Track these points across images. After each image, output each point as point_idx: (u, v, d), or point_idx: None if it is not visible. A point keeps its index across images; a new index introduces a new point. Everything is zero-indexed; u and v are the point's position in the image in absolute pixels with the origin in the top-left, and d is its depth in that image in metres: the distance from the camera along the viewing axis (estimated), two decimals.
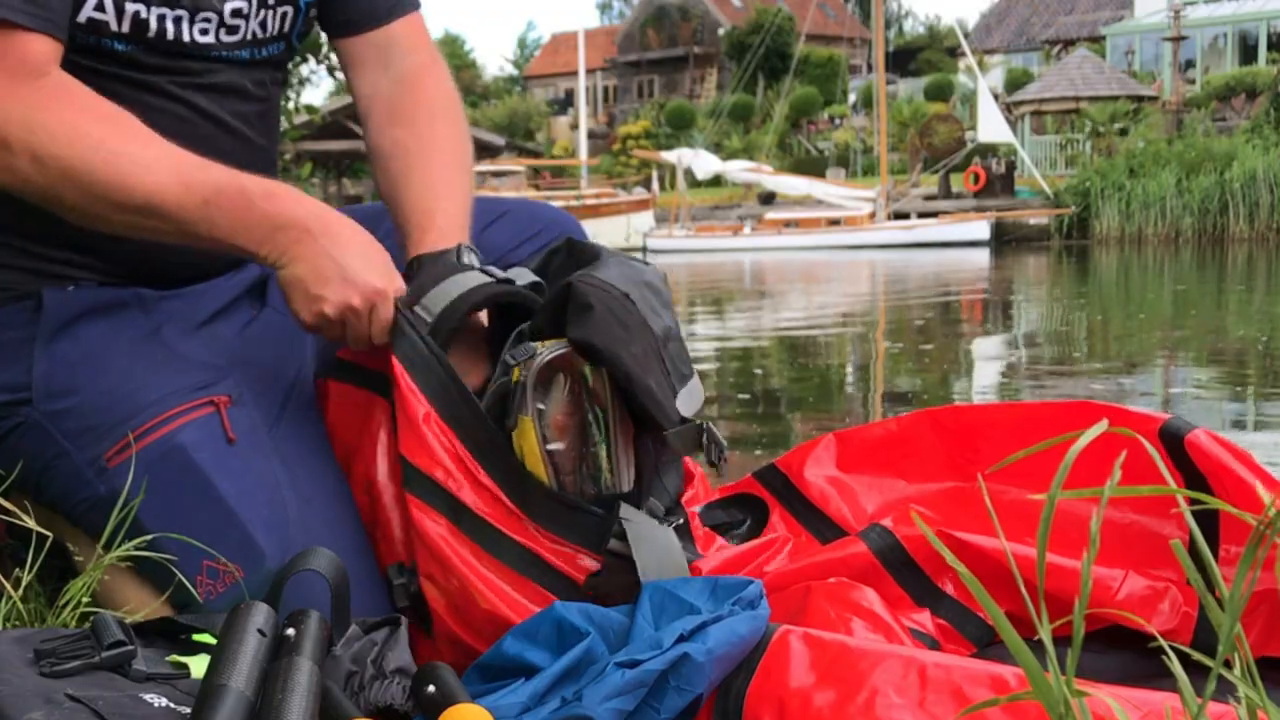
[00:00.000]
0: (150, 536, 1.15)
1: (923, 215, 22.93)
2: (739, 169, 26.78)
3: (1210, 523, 1.16)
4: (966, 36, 35.13)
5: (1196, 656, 0.60)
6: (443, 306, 1.20)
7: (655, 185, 28.56)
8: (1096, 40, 31.94)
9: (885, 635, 1.12)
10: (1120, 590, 1.18)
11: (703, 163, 26.21)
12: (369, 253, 1.20)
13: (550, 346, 1.14)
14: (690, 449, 1.17)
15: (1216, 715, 0.82)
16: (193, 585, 1.15)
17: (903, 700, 0.89)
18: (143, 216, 1.16)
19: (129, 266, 1.30)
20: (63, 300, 1.25)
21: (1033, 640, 0.60)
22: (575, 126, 38.10)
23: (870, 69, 33.63)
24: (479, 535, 1.13)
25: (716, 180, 28.52)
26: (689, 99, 42.71)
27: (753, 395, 5.75)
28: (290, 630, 0.91)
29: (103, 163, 1.13)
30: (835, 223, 22.84)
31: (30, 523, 1.14)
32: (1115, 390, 5.35)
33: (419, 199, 1.35)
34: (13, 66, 1.13)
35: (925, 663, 0.92)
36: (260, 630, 0.88)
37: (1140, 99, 24.55)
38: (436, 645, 1.16)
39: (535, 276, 1.28)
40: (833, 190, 24.44)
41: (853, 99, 37.55)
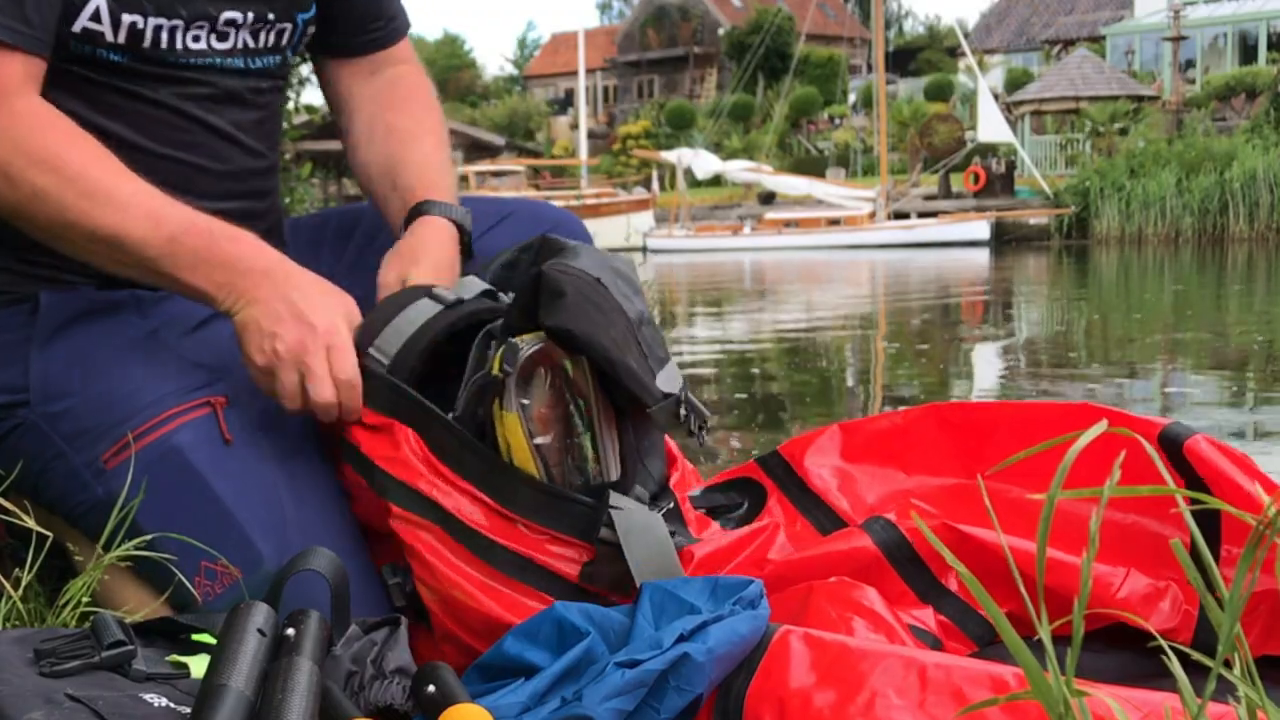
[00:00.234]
0: (149, 536, 1.15)
1: (923, 215, 22.93)
2: (739, 169, 26.80)
3: (1211, 524, 1.16)
4: (966, 36, 35.14)
5: (1196, 656, 0.60)
6: (397, 348, 1.19)
7: (655, 185, 28.57)
8: (1096, 40, 31.95)
9: (886, 635, 1.12)
10: (1121, 588, 1.18)
11: (703, 163, 26.23)
12: (328, 296, 1.19)
13: (529, 341, 1.13)
14: (674, 422, 1.17)
15: (1217, 715, 0.82)
16: (191, 586, 1.15)
17: (903, 701, 0.89)
18: (110, 248, 1.17)
19: None
20: (59, 302, 1.25)
21: (1033, 639, 0.60)
22: (575, 126, 38.09)
23: (870, 69, 33.63)
24: (468, 542, 1.13)
25: (716, 180, 28.53)
26: (689, 99, 42.72)
27: (753, 396, 5.75)
28: (290, 630, 0.91)
29: (76, 193, 1.14)
30: (835, 223, 22.85)
31: (30, 523, 1.14)
32: (1114, 392, 5.35)
33: (420, 169, 1.42)
34: None
35: (925, 663, 0.92)
36: (260, 630, 0.88)
37: (1140, 99, 24.56)
38: (437, 643, 1.16)
39: (484, 284, 1.27)
40: (833, 190, 24.45)
41: (853, 99, 37.56)
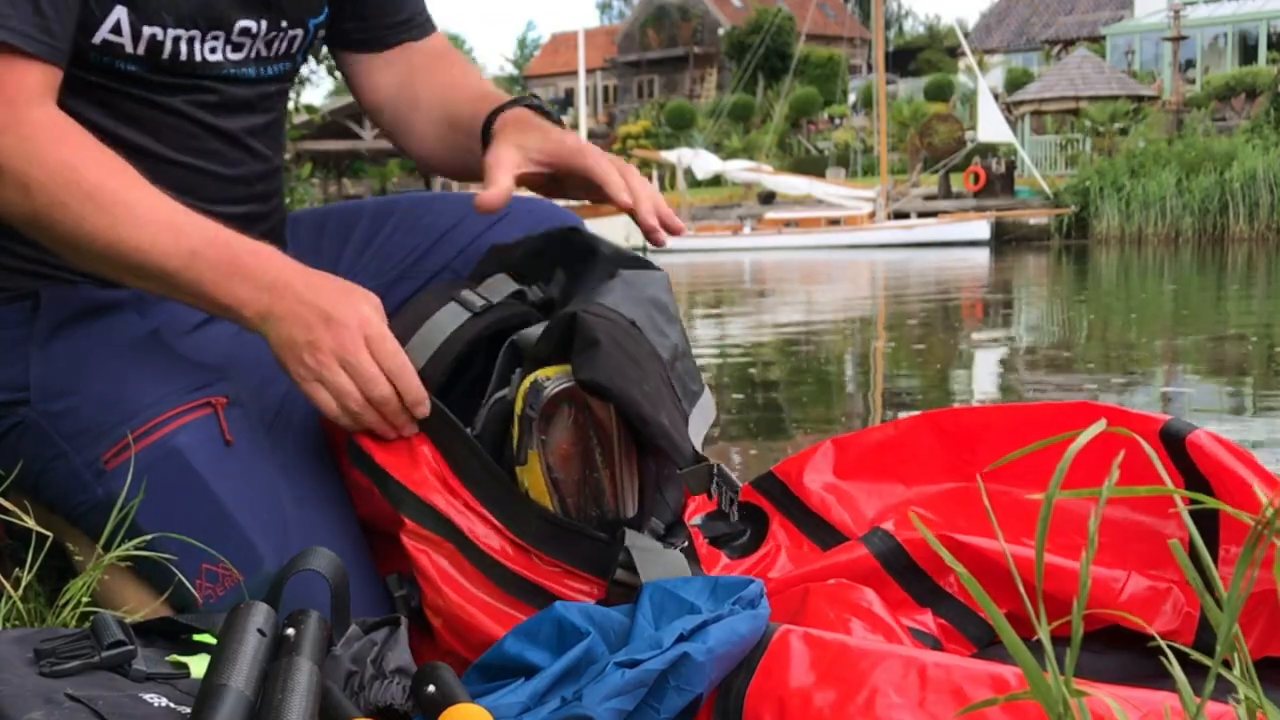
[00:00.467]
0: (149, 537, 1.15)
1: (923, 215, 22.94)
2: (739, 169, 26.80)
3: (1211, 523, 1.16)
4: (966, 36, 35.13)
5: (1195, 656, 0.60)
6: (426, 359, 1.18)
7: (655, 185, 28.51)
8: (1096, 40, 31.95)
9: (884, 635, 1.12)
10: (1123, 591, 1.18)
11: (703, 162, 26.23)
12: (352, 293, 1.18)
13: (555, 379, 1.10)
14: (702, 489, 1.13)
15: (1216, 715, 0.82)
16: (192, 588, 1.15)
17: (903, 700, 0.89)
18: (129, 262, 1.15)
19: None
20: (60, 300, 1.25)
21: (1033, 640, 0.60)
22: (575, 126, 38.08)
23: (870, 69, 33.63)
24: (480, 563, 1.11)
25: (716, 180, 28.52)
26: (689, 99, 42.72)
27: (752, 396, 5.75)
28: (290, 630, 0.91)
29: (95, 207, 1.13)
30: (835, 222, 22.85)
31: (30, 523, 1.14)
32: (1116, 390, 5.35)
33: (476, 95, 1.44)
34: (11, 94, 1.12)
35: (925, 662, 0.92)
36: (260, 630, 0.88)
37: (1140, 99, 24.57)
38: (437, 645, 1.16)
39: (513, 284, 1.26)
40: (833, 190, 24.45)
41: (853, 99, 37.56)
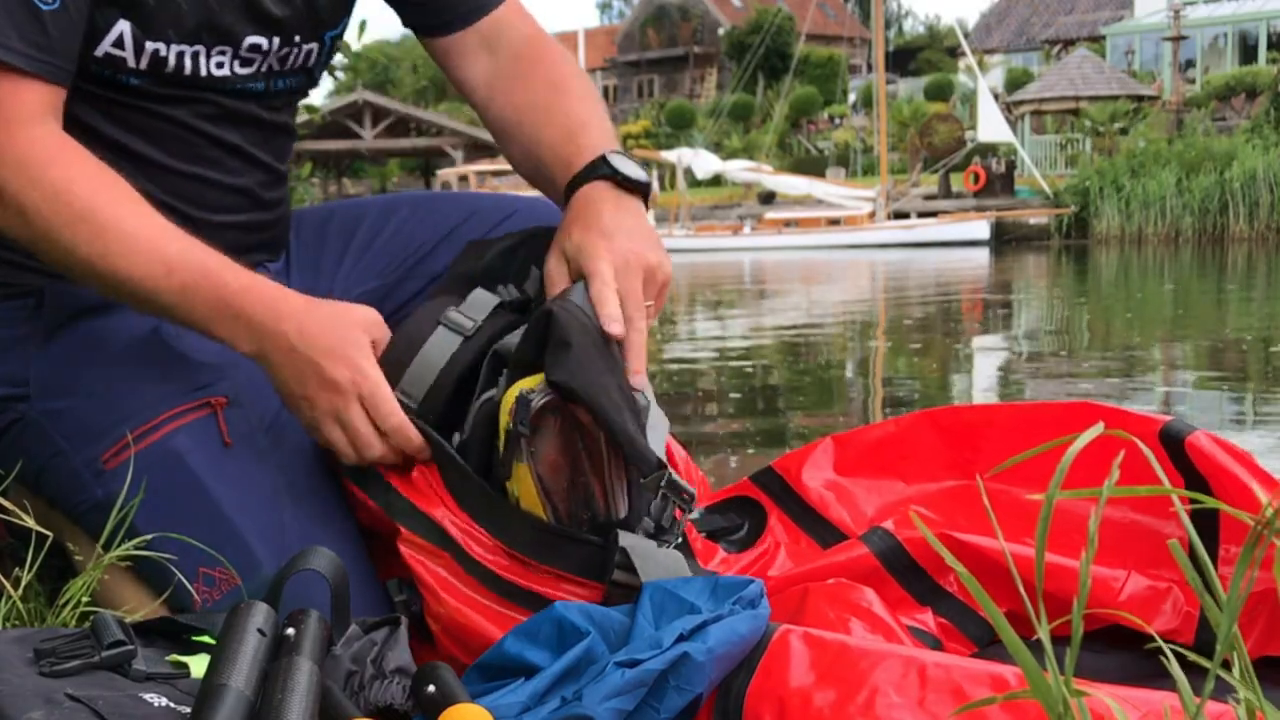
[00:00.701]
0: (148, 537, 1.15)
1: (923, 215, 22.94)
2: (739, 169, 26.80)
3: (1210, 523, 1.16)
4: (966, 36, 35.15)
5: (1193, 658, 0.61)
6: (425, 390, 1.17)
7: (655, 185, 28.45)
8: (1096, 40, 31.96)
9: (884, 635, 1.12)
10: (1123, 590, 1.18)
11: (703, 162, 26.21)
12: (345, 330, 1.15)
13: (539, 391, 1.11)
14: (655, 495, 1.12)
15: (1216, 715, 0.82)
16: (192, 590, 1.15)
17: (903, 700, 0.89)
18: (121, 291, 1.15)
19: None
20: (62, 298, 1.25)
21: (1033, 640, 0.60)
22: None
23: (870, 69, 33.63)
24: (477, 573, 1.11)
25: (716, 180, 28.52)
26: (689, 99, 42.74)
27: (752, 396, 5.75)
28: (290, 630, 0.91)
29: (87, 233, 1.12)
30: (835, 222, 22.85)
31: (30, 522, 1.14)
32: (1115, 390, 5.35)
33: (561, 136, 1.32)
34: (9, 114, 1.11)
35: (925, 662, 0.92)
36: (260, 630, 0.88)
37: (1140, 99, 24.57)
38: (437, 651, 1.16)
39: (494, 298, 1.25)
40: (833, 190, 24.45)
41: (853, 99, 37.57)
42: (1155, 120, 23.39)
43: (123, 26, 1.18)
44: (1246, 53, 29.14)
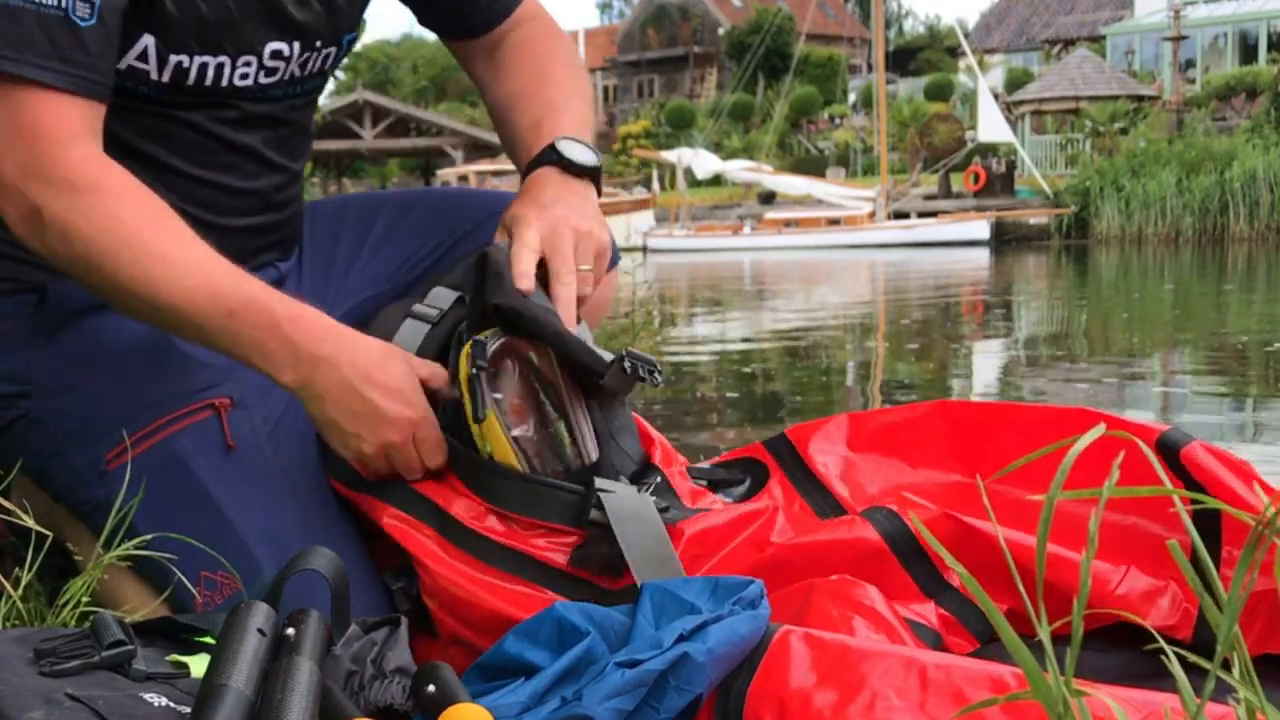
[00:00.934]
0: (149, 537, 1.15)
1: (923, 215, 22.93)
2: (739, 169, 26.79)
3: (1212, 526, 1.16)
4: (966, 36, 35.13)
5: (1193, 659, 0.61)
6: None
7: (655, 185, 28.56)
8: (1096, 40, 31.95)
9: (887, 634, 1.12)
10: (1120, 586, 1.18)
11: (703, 162, 26.21)
12: (396, 379, 1.15)
13: (491, 335, 1.16)
14: (626, 383, 1.17)
15: (1216, 716, 0.82)
16: (193, 591, 1.15)
17: (903, 702, 0.89)
18: (165, 319, 1.13)
19: None
20: (66, 294, 1.24)
21: (1033, 639, 0.60)
22: None
23: (870, 69, 33.63)
24: (462, 541, 1.14)
25: (716, 180, 28.52)
26: (689, 99, 42.74)
27: (752, 396, 5.76)
28: (290, 630, 0.91)
29: (131, 260, 1.09)
30: (835, 222, 22.84)
31: (30, 522, 1.14)
32: (1113, 390, 5.35)
33: (529, 124, 1.37)
34: (50, 134, 1.09)
35: (926, 664, 0.92)
36: (260, 630, 0.88)
37: (1140, 99, 24.56)
38: (444, 648, 1.17)
39: (453, 293, 1.28)
40: (833, 190, 24.45)
41: (853, 99, 37.57)
42: (1155, 120, 23.38)
43: (148, 40, 1.17)
44: (1247, 53, 29.14)
